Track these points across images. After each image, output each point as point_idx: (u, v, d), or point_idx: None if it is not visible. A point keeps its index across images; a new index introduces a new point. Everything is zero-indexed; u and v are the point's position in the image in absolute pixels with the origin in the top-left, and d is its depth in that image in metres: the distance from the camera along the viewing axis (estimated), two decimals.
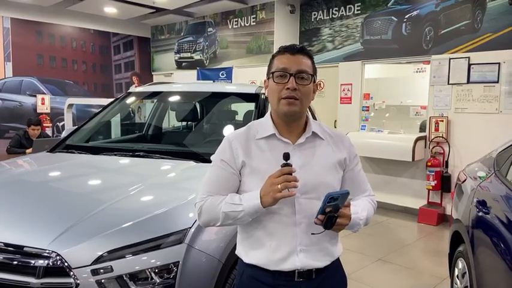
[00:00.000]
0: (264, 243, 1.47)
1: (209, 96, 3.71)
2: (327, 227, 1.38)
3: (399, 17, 5.96)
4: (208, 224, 1.51)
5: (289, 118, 1.47)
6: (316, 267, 1.47)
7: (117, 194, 2.32)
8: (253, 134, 1.50)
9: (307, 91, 1.46)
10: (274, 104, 1.47)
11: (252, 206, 1.39)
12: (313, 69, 1.50)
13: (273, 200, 1.35)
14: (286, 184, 1.32)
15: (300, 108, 1.45)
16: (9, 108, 7.57)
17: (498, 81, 5.12)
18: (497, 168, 2.65)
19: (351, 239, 4.90)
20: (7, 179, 2.72)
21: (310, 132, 1.50)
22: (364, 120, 6.45)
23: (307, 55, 1.49)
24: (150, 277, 1.91)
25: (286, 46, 1.50)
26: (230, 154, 1.48)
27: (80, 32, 8.42)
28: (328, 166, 1.50)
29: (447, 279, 3.36)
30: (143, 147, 3.15)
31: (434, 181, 5.53)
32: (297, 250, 1.44)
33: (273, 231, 1.45)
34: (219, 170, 1.50)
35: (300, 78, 1.43)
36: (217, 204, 1.44)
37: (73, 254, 1.88)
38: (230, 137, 1.52)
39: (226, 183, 1.48)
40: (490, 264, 2.22)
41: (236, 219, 1.43)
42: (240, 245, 1.56)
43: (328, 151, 1.52)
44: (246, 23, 7.59)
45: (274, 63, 1.48)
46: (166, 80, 8.30)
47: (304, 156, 1.47)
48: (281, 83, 1.44)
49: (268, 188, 1.35)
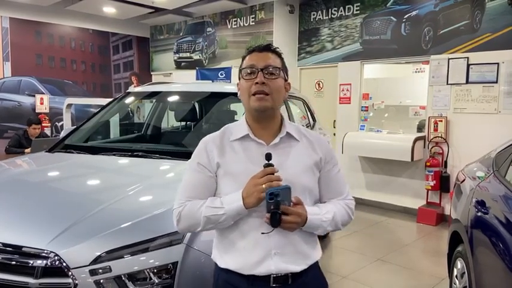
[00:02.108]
0: (238, 247, 1.44)
1: (208, 96, 3.71)
2: (274, 225, 1.34)
3: (398, 17, 5.96)
4: (188, 230, 1.49)
5: (261, 114, 1.45)
6: (292, 272, 1.42)
7: (115, 194, 2.31)
8: (228, 136, 1.50)
9: (277, 86, 1.45)
10: (246, 102, 1.46)
11: (234, 209, 1.37)
12: (282, 65, 1.50)
13: (257, 200, 1.34)
14: (269, 184, 1.31)
15: (271, 103, 1.43)
16: (8, 108, 7.56)
17: (497, 81, 5.13)
18: (496, 169, 2.65)
19: (350, 239, 4.90)
20: (5, 179, 2.72)
21: (285, 133, 1.48)
22: (363, 120, 6.45)
23: (275, 53, 1.49)
24: (149, 277, 1.91)
25: (254, 46, 1.51)
26: (206, 157, 1.47)
27: (79, 32, 8.41)
28: (304, 167, 1.47)
29: (446, 279, 3.36)
30: (142, 147, 3.15)
31: (433, 181, 5.53)
32: (272, 253, 1.41)
33: (247, 233, 1.42)
34: (196, 174, 1.48)
35: (268, 73, 1.43)
36: (197, 209, 1.42)
37: (71, 254, 1.87)
38: (205, 140, 1.51)
39: (204, 187, 1.46)
40: (489, 264, 2.22)
41: (218, 223, 1.41)
42: (215, 249, 1.54)
43: (304, 153, 1.49)
44: (245, 23, 7.59)
45: (244, 62, 1.49)
46: (166, 80, 8.29)
47: (278, 157, 1.43)
48: (250, 79, 1.44)
49: (252, 189, 1.34)
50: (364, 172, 6.40)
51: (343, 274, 3.86)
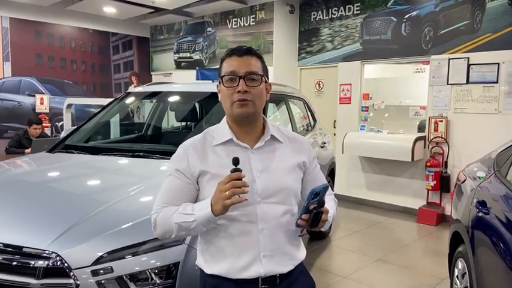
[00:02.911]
0: (225, 252, 1.42)
1: (208, 96, 3.70)
2: (313, 225, 1.35)
3: (399, 17, 5.97)
4: (164, 237, 1.46)
5: (244, 120, 1.44)
6: (280, 273, 1.44)
7: (117, 195, 2.31)
8: (210, 140, 1.47)
9: (259, 92, 1.43)
10: (228, 108, 1.44)
11: (204, 216, 1.33)
12: (263, 69, 1.47)
13: (223, 207, 1.29)
14: (233, 190, 1.26)
15: (254, 109, 1.42)
16: (8, 108, 7.55)
17: (497, 81, 5.13)
18: (497, 169, 2.65)
19: (350, 239, 4.90)
20: (6, 179, 2.72)
21: (269, 136, 1.48)
22: (363, 120, 6.45)
23: (255, 55, 1.46)
24: (150, 278, 1.91)
25: (233, 48, 1.46)
26: (186, 163, 1.44)
27: (79, 32, 8.40)
28: (289, 169, 1.47)
29: (447, 280, 3.36)
30: (143, 148, 3.15)
31: (433, 181, 5.53)
32: (260, 256, 1.41)
33: (235, 239, 1.41)
34: (173, 180, 1.46)
35: (250, 80, 1.41)
36: (170, 215, 1.40)
37: (73, 255, 1.87)
38: (186, 145, 1.48)
39: (181, 194, 1.44)
40: (490, 264, 2.22)
41: (189, 230, 1.38)
42: (200, 256, 1.51)
43: (288, 154, 1.49)
44: (246, 23, 7.59)
45: (224, 66, 1.45)
46: (166, 80, 8.30)
47: (264, 160, 1.44)
48: (231, 87, 1.41)
49: (218, 195, 1.30)
50: (364, 172, 6.39)
51: (343, 274, 3.86)
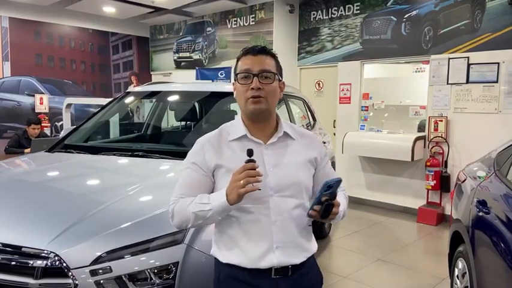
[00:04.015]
0: (239, 243, 1.49)
1: (208, 95, 3.71)
2: (324, 216, 1.40)
3: (398, 17, 5.96)
4: (181, 226, 1.53)
5: (257, 116, 1.50)
6: (292, 264, 1.49)
7: (116, 194, 2.31)
8: (225, 136, 1.54)
9: (272, 89, 1.49)
10: (242, 105, 1.51)
11: (220, 205, 1.40)
12: (277, 67, 1.53)
13: (237, 196, 1.35)
14: (248, 179, 1.33)
15: (267, 106, 1.48)
16: (8, 108, 7.54)
17: (497, 81, 5.12)
18: (497, 168, 2.65)
19: (350, 239, 4.90)
20: (5, 179, 2.71)
21: (282, 132, 1.54)
22: (363, 120, 6.44)
23: (269, 55, 1.52)
24: (150, 278, 1.91)
25: (248, 47, 1.54)
26: (202, 157, 1.51)
27: (79, 32, 8.40)
28: (300, 165, 1.54)
29: (447, 279, 3.35)
30: (142, 147, 3.15)
31: (433, 181, 5.52)
32: (273, 247, 1.47)
33: (249, 230, 1.48)
34: (190, 173, 1.53)
35: (263, 77, 1.47)
36: (187, 205, 1.47)
37: (72, 255, 1.87)
38: (202, 141, 1.56)
39: (197, 186, 1.51)
40: (490, 264, 2.21)
41: (206, 219, 1.45)
42: (215, 244, 1.58)
43: (300, 150, 1.56)
44: (245, 22, 7.58)
45: (239, 64, 1.53)
46: (165, 80, 8.28)
47: (276, 156, 1.51)
48: (246, 84, 1.48)
49: (232, 185, 1.37)
50: (364, 172, 6.39)
51: (343, 274, 3.86)
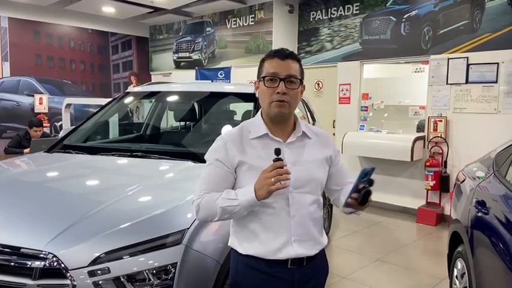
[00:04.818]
0: (259, 236, 1.57)
1: (207, 96, 3.70)
2: (362, 203, 1.50)
3: (398, 17, 5.96)
4: (206, 220, 1.60)
5: (279, 119, 1.58)
6: (307, 255, 1.59)
7: (114, 195, 2.30)
8: (246, 134, 1.60)
9: (296, 94, 1.57)
10: (266, 107, 1.58)
11: (247, 200, 1.47)
12: (301, 72, 1.60)
13: (267, 193, 1.43)
14: (278, 177, 1.40)
15: (289, 110, 1.56)
16: (7, 108, 7.54)
17: (497, 81, 5.12)
18: (496, 169, 2.65)
19: (349, 239, 4.90)
20: (4, 179, 2.70)
21: (300, 132, 1.62)
22: (362, 120, 6.44)
23: (296, 60, 1.59)
24: (148, 278, 1.90)
25: (276, 50, 1.59)
26: (225, 154, 1.57)
27: (78, 32, 8.40)
28: (317, 162, 1.62)
29: (446, 280, 3.35)
30: (141, 148, 3.14)
31: (433, 181, 5.53)
32: (291, 240, 1.56)
33: (269, 224, 1.56)
34: (214, 169, 1.59)
35: (289, 82, 1.54)
36: (214, 200, 1.53)
37: (70, 255, 1.86)
38: (225, 138, 1.61)
39: (221, 181, 1.57)
40: (489, 264, 2.21)
41: (233, 213, 1.51)
42: (233, 236, 1.66)
43: (316, 149, 1.64)
44: (245, 22, 7.58)
45: (265, 67, 1.58)
46: (165, 80, 8.28)
47: (295, 154, 1.58)
48: (271, 87, 1.54)
49: (262, 182, 1.43)
50: None
51: (342, 274, 3.85)
